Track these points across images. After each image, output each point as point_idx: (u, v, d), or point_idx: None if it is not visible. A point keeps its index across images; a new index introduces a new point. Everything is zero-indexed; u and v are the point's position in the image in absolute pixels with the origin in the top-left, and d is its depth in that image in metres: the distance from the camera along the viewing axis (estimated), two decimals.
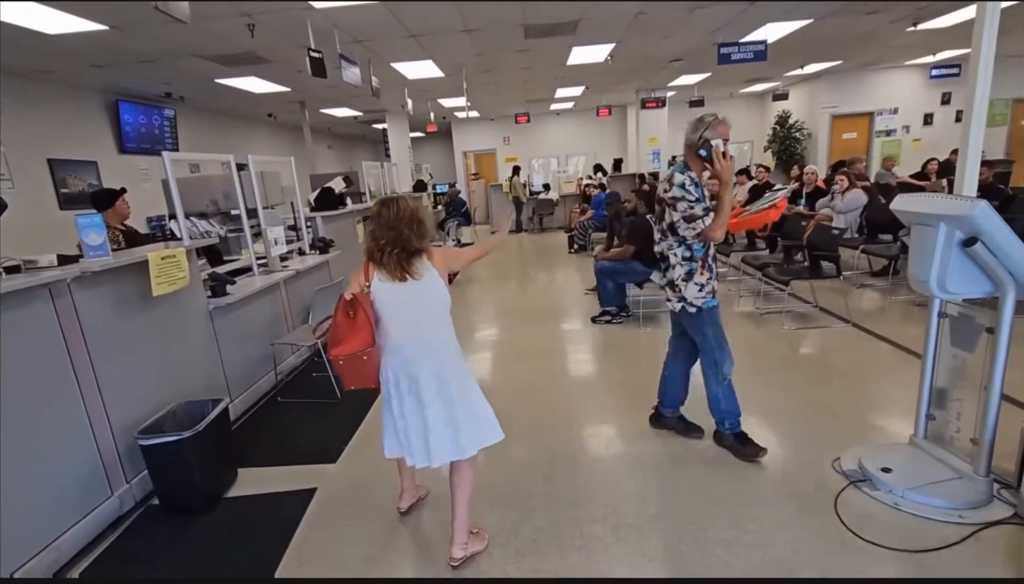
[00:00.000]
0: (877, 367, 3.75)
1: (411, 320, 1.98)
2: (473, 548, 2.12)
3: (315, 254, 4.96)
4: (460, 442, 1.99)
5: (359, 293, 1.99)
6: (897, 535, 2.07)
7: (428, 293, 1.97)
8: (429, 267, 1.95)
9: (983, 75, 2.16)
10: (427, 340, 1.98)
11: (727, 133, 2.42)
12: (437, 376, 1.97)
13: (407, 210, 1.97)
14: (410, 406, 1.99)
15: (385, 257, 1.93)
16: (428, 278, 1.95)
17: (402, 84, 8.08)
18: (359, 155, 16.44)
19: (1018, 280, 2.00)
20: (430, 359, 1.97)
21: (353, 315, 1.98)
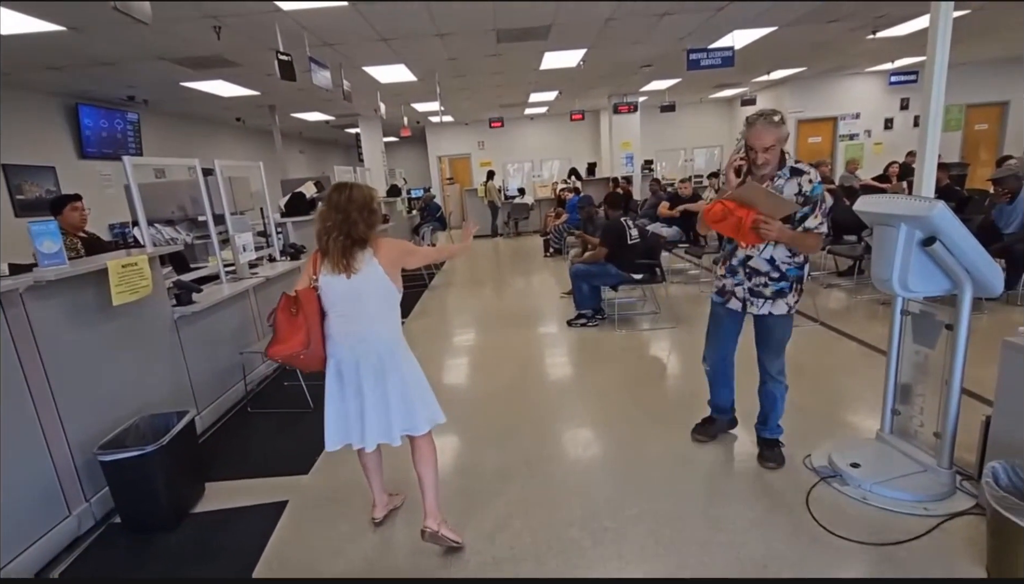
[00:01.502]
0: (845, 365, 3.84)
1: (351, 314, 1.99)
2: (447, 532, 2.12)
3: (286, 260, 4.86)
4: (413, 418, 2.07)
5: (302, 290, 1.99)
6: (866, 529, 2.11)
7: (368, 287, 1.97)
8: (370, 260, 1.95)
9: (938, 80, 2.24)
10: (365, 335, 2.00)
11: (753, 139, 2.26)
12: (375, 369, 2.02)
13: (360, 196, 1.97)
14: (351, 393, 2.04)
15: (330, 243, 1.94)
16: (368, 271, 1.95)
17: (375, 88, 8.01)
18: (332, 160, 16.21)
19: (974, 278, 2.08)
20: (371, 353, 2.01)
21: (295, 312, 1.98)
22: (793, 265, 2.41)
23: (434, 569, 2.09)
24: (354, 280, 1.94)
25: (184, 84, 6.89)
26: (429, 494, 2.13)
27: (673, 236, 7.02)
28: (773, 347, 2.53)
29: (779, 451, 2.62)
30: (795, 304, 2.46)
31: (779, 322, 2.47)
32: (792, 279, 2.42)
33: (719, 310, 2.63)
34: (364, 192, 2.00)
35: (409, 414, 2.07)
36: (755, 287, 2.46)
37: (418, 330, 5.49)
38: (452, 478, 2.74)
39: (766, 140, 2.23)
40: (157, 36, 4.88)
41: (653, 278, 4.96)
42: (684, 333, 4.65)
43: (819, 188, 2.30)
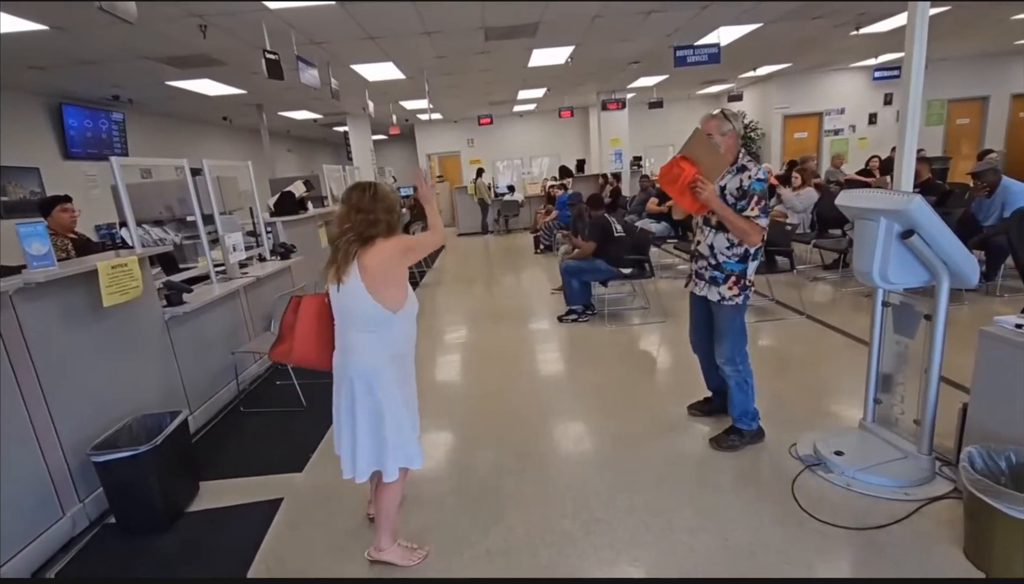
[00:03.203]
0: (830, 356, 3.92)
1: (340, 328, 1.95)
2: (388, 557, 2.08)
3: (276, 260, 4.85)
4: (383, 458, 1.93)
5: (305, 297, 2.01)
6: (849, 514, 2.17)
7: (351, 304, 1.87)
8: (355, 273, 1.82)
9: (915, 77, 2.29)
10: (346, 355, 1.92)
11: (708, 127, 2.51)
12: (348, 395, 1.91)
13: (386, 195, 1.88)
14: (344, 407, 1.94)
15: (339, 246, 1.85)
16: (351, 285, 1.83)
17: (363, 86, 7.99)
18: (320, 158, 16.12)
19: (951, 269, 2.14)
20: (346, 377, 1.90)
21: (295, 317, 2.01)
22: (731, 258, 2.53)
23: (428, 565, 2.12)
24: (342, 291, 1.86)
25: (170, 83, 6.84)
26: (379, 522, 2.07)
27: (662, 231, 7.09)
28: (717, 333, 2.67)
29: (733, 440, 2.71)
30: (732, 297, 2.56)
31: (719, 309, 2.62)
32: (728, 272, 2.54)
33: (690, 295, 2.80)
34: (391, 193, 1.91)
35: (379, 453, 1.93)
36: (698, 269, 2.69)
37: None
38: (447, 474, 2.78)
39: (707, 127, 2.50)
40: (142, 35, 4.84)
41: (642, 273, 5.01)
42: (673, 327, 4.71)
43: (758, 185, 2.43)
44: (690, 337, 2.93)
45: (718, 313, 2.64)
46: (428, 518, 2.40)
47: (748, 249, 2.53)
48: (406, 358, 2.03)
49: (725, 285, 2.57)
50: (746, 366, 2.68)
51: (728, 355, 2.65)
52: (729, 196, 2.48)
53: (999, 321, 2.08)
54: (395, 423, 1.92)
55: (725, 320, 2.63)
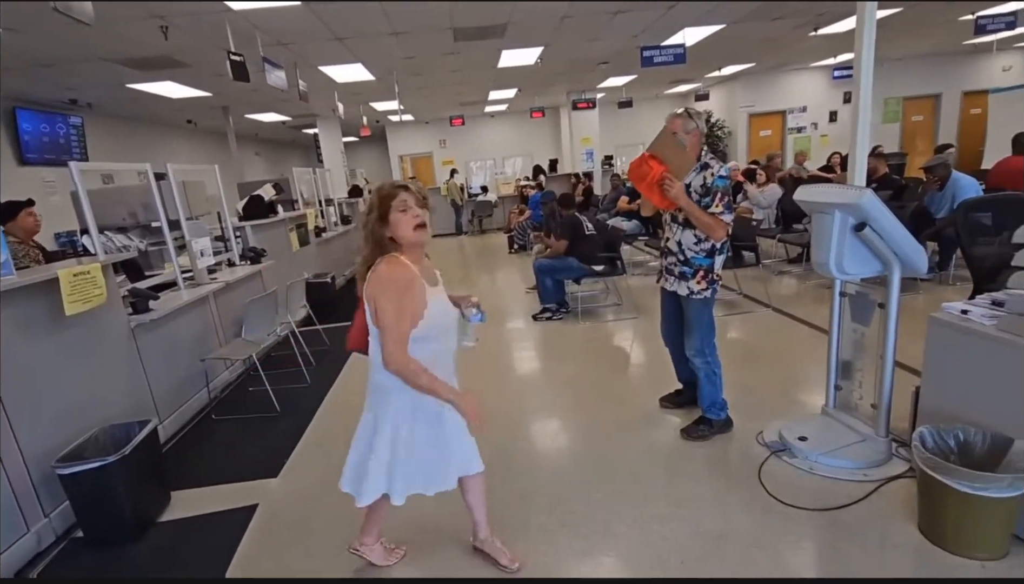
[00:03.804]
0: (794, 347, 4.06)
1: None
2: (367, 554, 2.07)
3: (246, 265, 4.78)
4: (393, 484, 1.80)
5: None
6: (813, 496, 2.26)
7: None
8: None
9: (865, 76, 2.40)
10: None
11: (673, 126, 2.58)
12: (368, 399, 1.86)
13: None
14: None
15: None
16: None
17: (332, 88, 7.91)
18: (289, 161, 15.87)
19: (902, 259, 2.25)
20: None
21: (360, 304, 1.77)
22: (699, 253, 2.61)
23: (406, 563, 2.14)
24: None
25: (130, 86, 6.66)
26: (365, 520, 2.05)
27: (633, 229, 7.21)
28: (687, 326, 2.75)
29: (702, 429, 2.80)
30: (700, 291, 2.64)
31: (688, 303, 2.70)
32: (696, 266, 2.63)
33: (661, 290, 2.88)
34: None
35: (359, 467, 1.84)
36: (668, 265, 2.76)
37: None
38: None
39: (672, 125, 2.57)
40: (100, 36, 4.71)
41: (614, 270, 5.10)
42: (646, 323, 4.80)
43: (720, 182, 2.52)
44: (661, 330, 3.01)
45: (687, 307, 2.72)
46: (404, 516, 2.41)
47: (715, 244, 2.61)
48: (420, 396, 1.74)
49: (694, 279, 2.65)
50: (715, 358, 2.76)
51: (698, 347, 2.73)
52: (694, 193, 2.55)
53: (946, 308, 2.19)
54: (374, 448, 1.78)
55: (694, 313, 2.70)
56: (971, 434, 1.99)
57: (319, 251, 6.85)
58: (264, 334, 3.79)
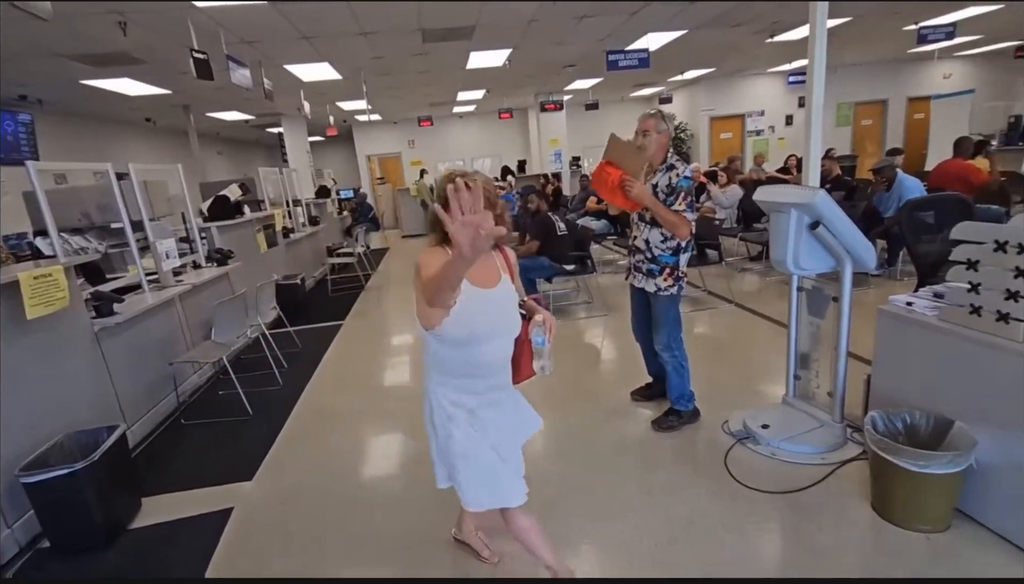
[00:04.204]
0: (756, 340, 4.24)
1: None
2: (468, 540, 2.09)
3: (212, 267, 4.68)
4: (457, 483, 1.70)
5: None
6: (775, 480, 2.39)
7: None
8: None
9: (818, 82, 2.55)
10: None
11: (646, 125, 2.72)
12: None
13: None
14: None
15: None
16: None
17: (297, 87, 7.79)
18: (254, 161, 15.50)
19: (853, 256, 2.40)
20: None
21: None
22: (665, 251, 2.73)
23: (387, 561, 2.16)
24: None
25: (85, 82, 6.41)
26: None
27: (602, 229, 7.35)
28: (655, 321, 2.86)
29: (672, 420, 2.91)
30: (667, 288, 2.75)
31: (656, 299, 2.81)
32: (663, 264, 2.74)
33: (630, 287, 2.99)
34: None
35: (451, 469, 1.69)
36: (636, 263, 2.87)
37: (358, 330, 5.45)
38: (404, 469, 2.82)
39: (642, 124, 2.72)
40: (54, 31, 4.54)
41: (584, 269, 5.20)
42: (616, 320, 4.92)
43: (684, 182, 2.63)
44: (632, 326, 3.11)
45: (655, 303, 2.83)
46: (390, 515, 2.44)
47: (680, 243, 2.72)
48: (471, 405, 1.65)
49: (661, 277, 2.76)
50: (682, 352, 2.87)
51: (665, 342, 2.84)
52: (660, 193, 2.66)
53: (893, 300, 2.36)
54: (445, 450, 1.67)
55: (661, 309, 2.81)
56: (917, 417, 2.15)
57: (287, 252, 6.74)
58: (234, 336, 3.73)
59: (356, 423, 3.40)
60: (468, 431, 1.63)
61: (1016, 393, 1.83)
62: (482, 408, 1.66)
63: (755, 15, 6.60)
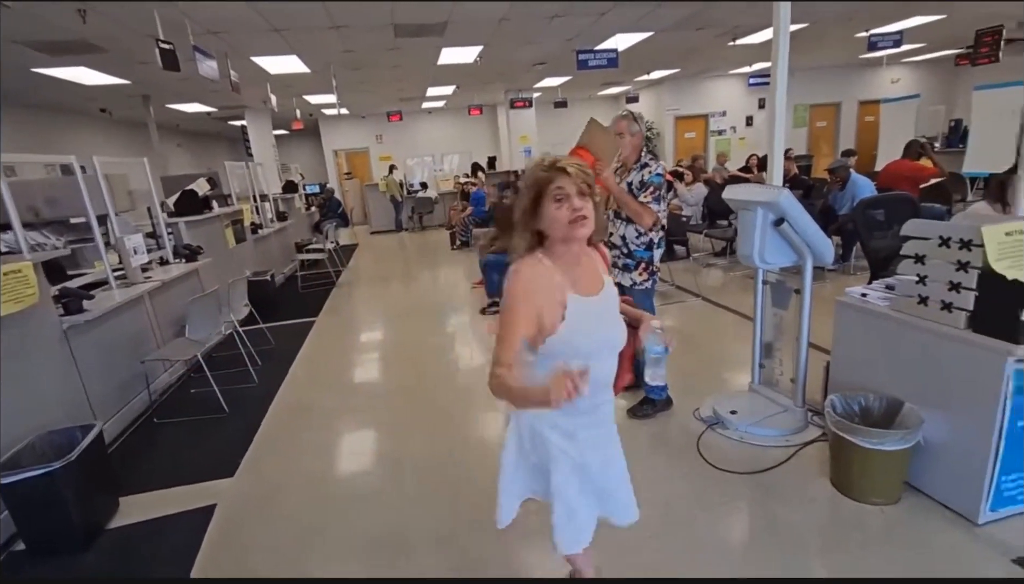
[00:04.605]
0: (723, 332, 4.44)
1: None
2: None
3: (180, 263, 4.57)
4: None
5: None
6: (743, 462, 2.55)
7: None
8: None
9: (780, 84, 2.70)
10: None
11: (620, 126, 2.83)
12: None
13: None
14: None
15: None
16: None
17: (264, 79, 7.62)
18: (216, 154, 15.04)
19: (813, 251, 2.57)
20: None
21: None
22: (640, 246, 2.86)
23: (375, 553, 2.21)
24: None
25: (37, 70, 6.12)
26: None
27: None
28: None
29: (647, 409, 3.05)
30: (642, 282, 2.89)
31: (632, 293, 2.92)
32: (638, 259, 2.87)
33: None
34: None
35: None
36: (613, 258, 2.94)
37: (332, 327, 5.42)
38: (385, 464, 2.86)
39: (619, 126, 2.85)
40: (7, 17, 4.33)
41: None
42: None
43: (656, 178, 2.76)
44: None
45: (632, 296, 2.95)
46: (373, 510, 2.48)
47: (652, 239, 2.84)
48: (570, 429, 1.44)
49: (636, 271, 2.88)
50: None
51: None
52: (634, 190, 2.78)
53: (849, 292, 2.54)
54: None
55: (637, 303, 2.92)
56: (871, 399, 2.33)
57: (256, 248, 6.62)
58: (209, 333, 3.67)
59: (334, 420, 3.41)
60: (570, 477, 1.44)
61: (958, 375, 2.02)
62: (583, 429, 1.44)
63: (718, 19, 6.83)
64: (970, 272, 1.94)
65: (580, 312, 1.30)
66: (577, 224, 1.27)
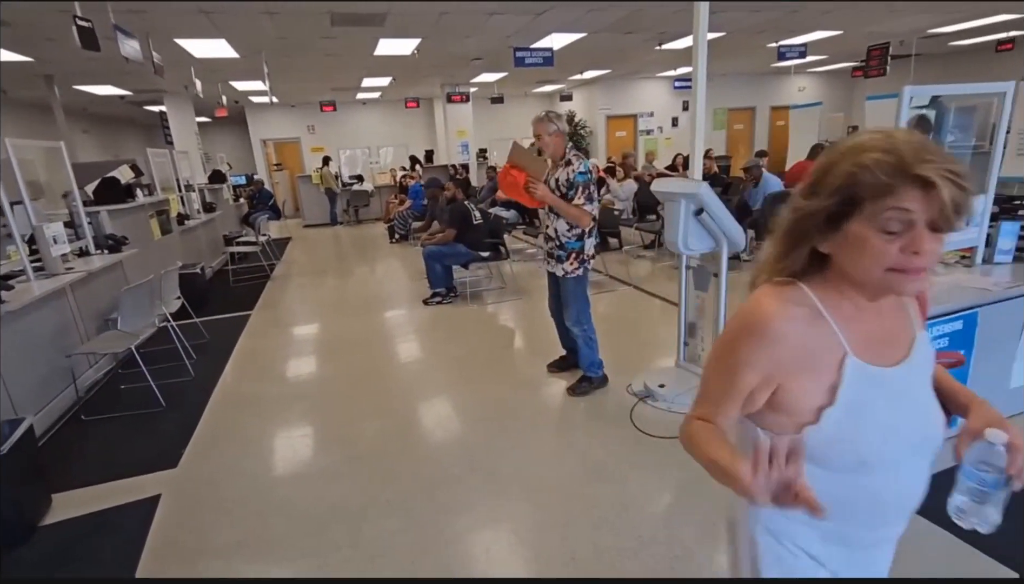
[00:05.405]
0: (651, 316, 4.79)
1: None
2: None
3: (103, 254, 4.34)
4: None
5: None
6: (671, 428, 2.83)
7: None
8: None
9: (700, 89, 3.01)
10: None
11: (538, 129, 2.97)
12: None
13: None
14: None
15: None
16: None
17: (188, 63, 7.25)
18: (128, 142, 14.02)
19: (728, 238, 2.89)
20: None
21: None
22: (571, 238, 3.07)
23: (322, 529, 2.30)
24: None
25: None
26: None
27: (512, 218, 7.69)
28: (564, 301, 3.23)
29: (584, 386, 3.29)
30: (573, 271, 3.10)
31: (564, 282, 3.17)
32: (569, 250, 3.08)
33: (547, 272, 3.31)
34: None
35: None
36: (549, 250, 3.17)
37: (268, 320, 5.31)
38: (333, 446, 2.92)
39: (536, 129, 2.98)
40: None
41: (498, 256, 5.49)
42: (528, 303, 5.27)
43: (580, 177, 2.95)
44: (548, 306, 3.45)
45: (564, 285, 3.17)
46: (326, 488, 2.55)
47: (583, 230, 3.05)
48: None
49: (567, 261, 3.09)
50: (590, 325, 3.24)
51: (575, 318, 3.19)
52: (561, 187, 2.98)
53: None
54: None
55: (569, 290, 3.16)
56: None
57: (182, 240, 6.33)
58: (142, 325, 3.54)
59: (277, 409, 3.40)
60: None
61: None
62: (845, 567, 0.93)
63: (646, 24, 7.25)
64: None
65: (865, 390, 0.81)
66: (910, 277, 0.76)
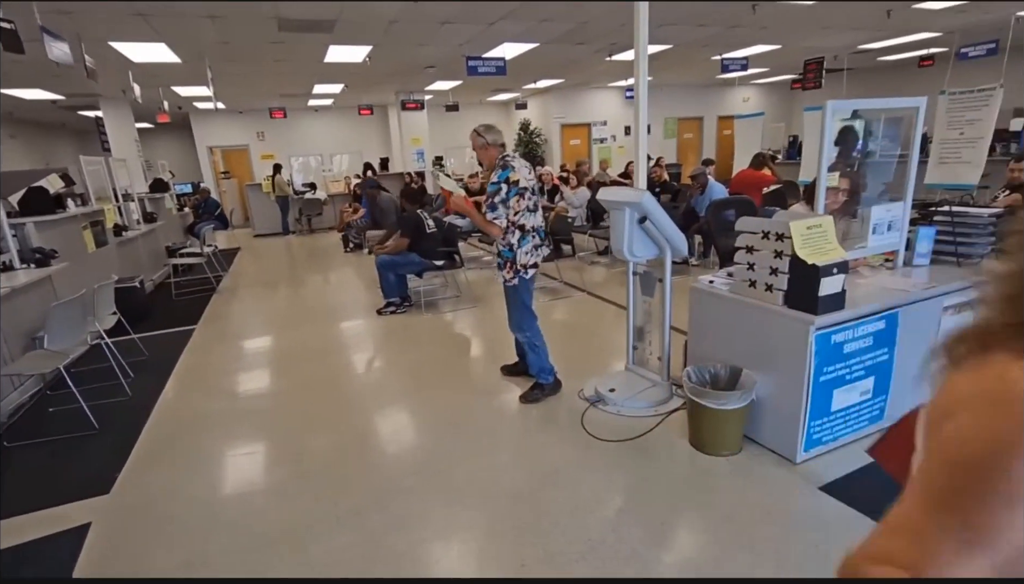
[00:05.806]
0: (603, 321, 4.87)
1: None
2: None
3: (29, 268, 4.08)
4: None
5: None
6: (620, 431, 2.89)
7: None
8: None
9: (642, 99, 3.10)
10: None
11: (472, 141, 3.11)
12: None
13: None
14: None
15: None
16: None
17: (125, 67, 6.94)
18: (60, 148, 13.26)
19: (671, 245, 2.99)
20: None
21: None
22: (504, 247, 3.13)
23: (270, 545, 2.23)
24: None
25: None
26: None
27: (467, 226, 7.69)
28: (507, 307, 3.28)
29: (536, 393, 3.31)
30: (510, 279, 3.14)
31: (504, 289, 3.23)
32: (504, 259, 3.14)
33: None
34: None
35: None
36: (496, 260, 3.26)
37: (214, 334, 5.11)
38: (282, 463, 2.84)
39: (471, 141, 3.14)
40: None
41: (452, 264, 5.47)
42: (483, 310, 5.27)
43: (491, 186, 3.04)
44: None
45: (505, 292, 3.23)
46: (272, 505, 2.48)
47: (511, 240, 3.07)
48: None
49: (504, 270, 3.14)
50: (534, 332, 3.28)
51: (517, 324, 3.24)
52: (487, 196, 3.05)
53: (700, 280, 2.98)
54: None
55: (509, 297, 3.22)
56: (718, 368, 2.77)
57: (120, 252, 6.02)
58: (72, 343, 3.34)
59: (224, 425, 3.29)
60: None
61: (778, 343, 2.49)
62: None
63: (596, 35, 7.42)
64: (783, 259, 2.41)
65: None
66: None
